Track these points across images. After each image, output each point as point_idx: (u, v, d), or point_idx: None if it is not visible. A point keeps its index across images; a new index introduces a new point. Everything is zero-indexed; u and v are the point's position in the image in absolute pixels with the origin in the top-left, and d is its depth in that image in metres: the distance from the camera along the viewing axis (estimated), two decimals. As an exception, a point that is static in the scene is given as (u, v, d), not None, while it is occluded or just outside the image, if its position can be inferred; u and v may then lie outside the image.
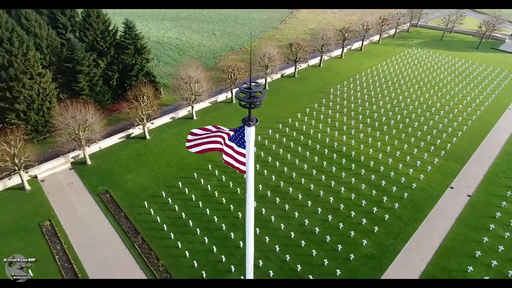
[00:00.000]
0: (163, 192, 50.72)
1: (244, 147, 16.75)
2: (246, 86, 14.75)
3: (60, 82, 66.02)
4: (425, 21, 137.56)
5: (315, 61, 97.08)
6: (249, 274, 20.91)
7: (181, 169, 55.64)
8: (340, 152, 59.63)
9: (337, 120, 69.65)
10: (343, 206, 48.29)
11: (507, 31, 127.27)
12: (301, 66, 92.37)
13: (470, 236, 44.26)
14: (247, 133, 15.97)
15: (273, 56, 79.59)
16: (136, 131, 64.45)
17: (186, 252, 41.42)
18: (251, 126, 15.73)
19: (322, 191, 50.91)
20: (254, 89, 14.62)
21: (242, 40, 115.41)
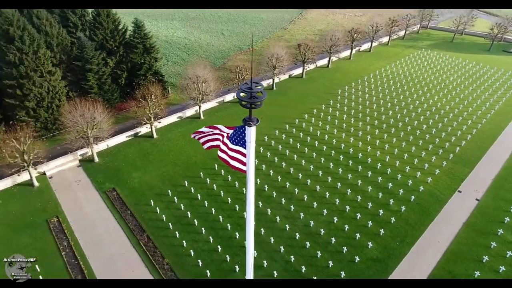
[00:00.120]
0: (169, 190, 50.97)
1: (241, 146, 16.86)
2: (247, 86, 14.74)
3: (69, 80, 66.78)
4: (435, 22, 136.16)
5: (323, 62, 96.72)
6: (249, 274, 20.93)
7: (187, 168, 55.86)
8: (346, 153, 59.31)
9: (344, 121, 69.29)
10: (349, 208, 48.03)
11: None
12: (309, 67, 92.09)
13: (477, 240, 43.67)
14: (248, 133, 15.94)
15: (281, 56, 79.49)
16: (143, 130, 64.90)
17: (191, 251, 41.55)
18: (252, 126, 15.70)
19: (328, 193, 50.68)
20: (255, 89, 14.59)
21: (251, 40, 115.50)
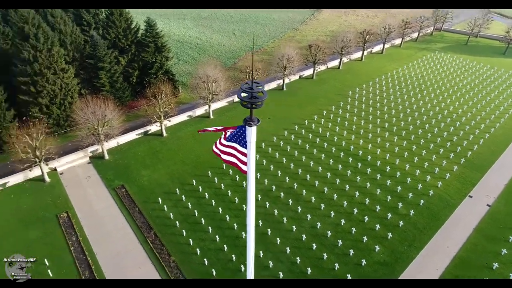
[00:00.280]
0: (177, 189, 51.31)
1: (238, 144, 16.92)
2: (248, 86, 14.68)
3: (82, 78, 67.74)
4: (449, 25, 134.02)
5: (335, 63, 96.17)
6: (249, 274, 20.95)
7: (196, 167, 56.16)
8: (356, 155, 58.88)
9: (354, 123, 68.81)
10: (357, 211, 47.66)
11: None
12: (319, 68, 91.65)
13: (488, 247, 42.90)
14: (249, 133, 15.92)
15: (292, 57, 79.27)
16: (153, 128, 65.45)
17: (197, 249, 41.77)
18: (252, 126, 15.68)
19: (336, 195, 50.41)
20: (256, 89, 14.53)
21: (262, 40, 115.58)
